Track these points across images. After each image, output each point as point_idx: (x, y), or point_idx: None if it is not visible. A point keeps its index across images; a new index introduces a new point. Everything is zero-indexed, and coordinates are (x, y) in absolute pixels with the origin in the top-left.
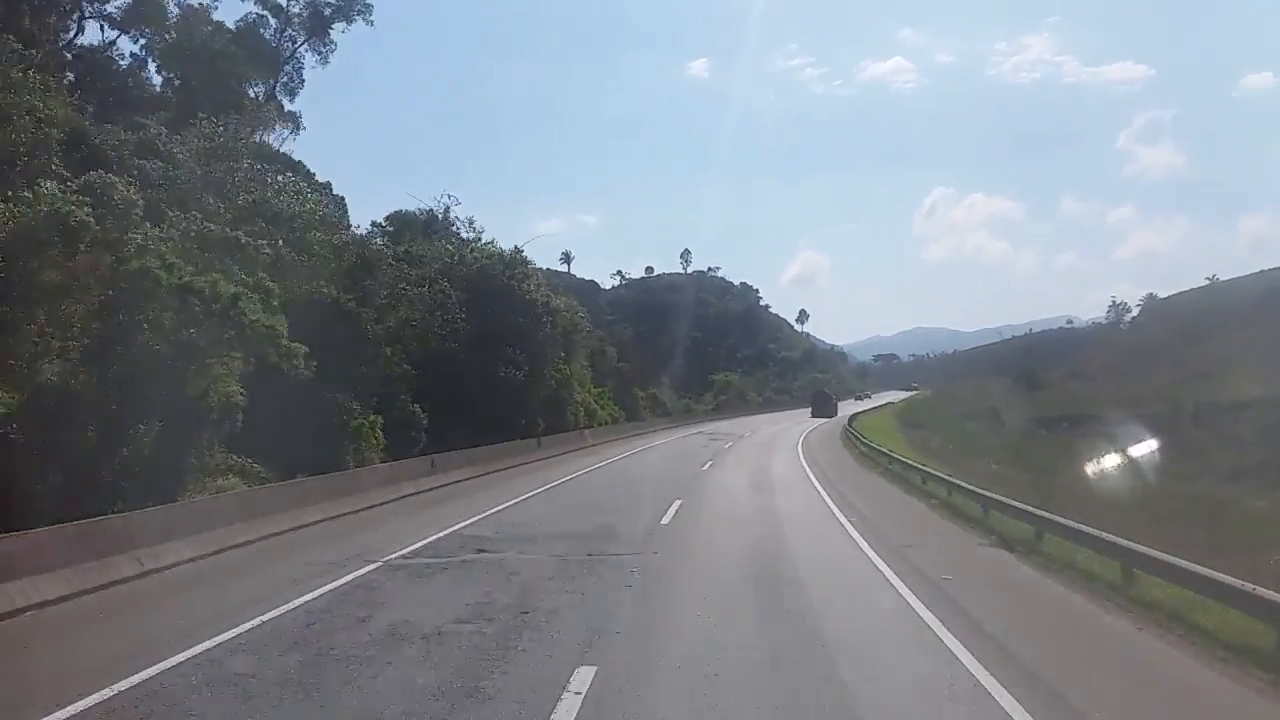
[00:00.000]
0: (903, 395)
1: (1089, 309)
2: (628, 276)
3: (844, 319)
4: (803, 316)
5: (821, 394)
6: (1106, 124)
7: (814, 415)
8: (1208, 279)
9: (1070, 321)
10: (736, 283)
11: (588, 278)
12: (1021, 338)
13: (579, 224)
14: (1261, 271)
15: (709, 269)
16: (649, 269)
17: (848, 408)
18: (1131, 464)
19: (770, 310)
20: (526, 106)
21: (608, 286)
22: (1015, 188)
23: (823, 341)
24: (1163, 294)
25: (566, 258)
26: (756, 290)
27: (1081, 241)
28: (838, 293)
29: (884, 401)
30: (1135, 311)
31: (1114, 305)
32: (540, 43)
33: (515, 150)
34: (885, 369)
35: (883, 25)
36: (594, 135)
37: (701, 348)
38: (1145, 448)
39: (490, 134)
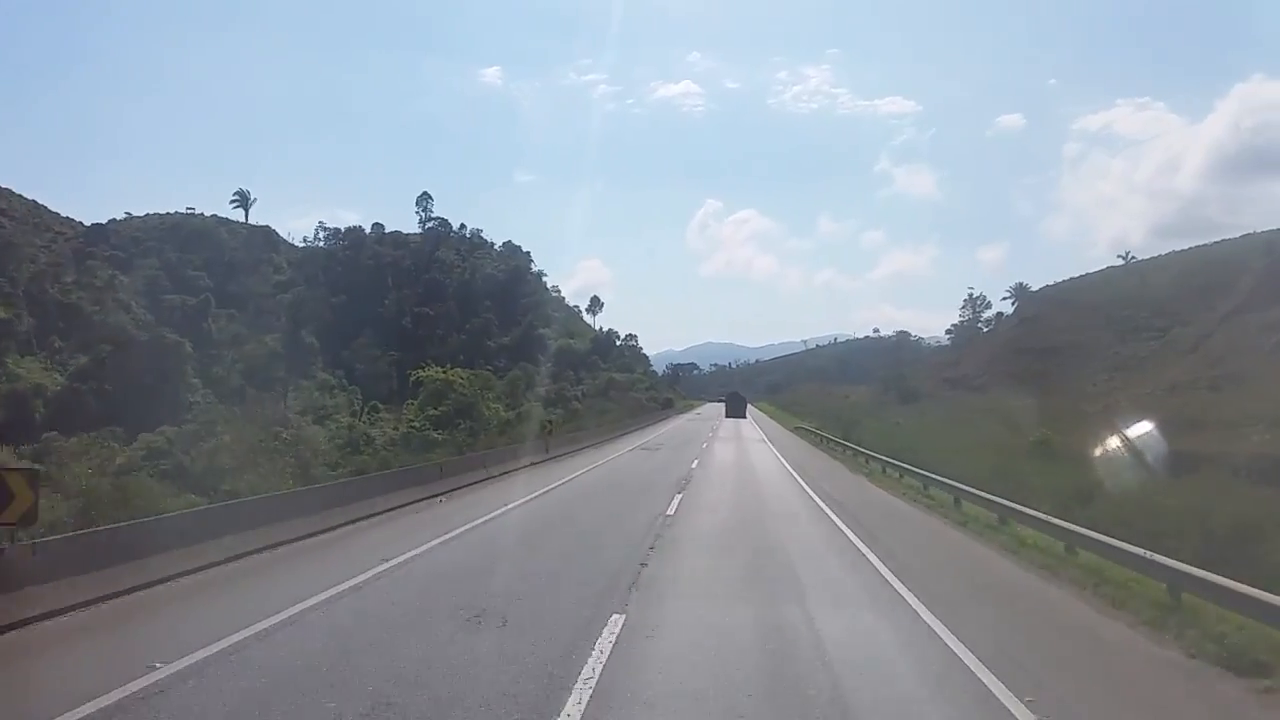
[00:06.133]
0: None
1: (857, 326)
2: (332, 228)
3: (634, 334)
4: (595, 305)
5: (735, 395)
6: (871, 153)
7: (728, 415)
8: (1121, 257)
9: (877, 330)
10: (498, 243)
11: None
12: (827, 347)
13: (338, 219)
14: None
15: (461, 226)
16: (377, 224)
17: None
18: None
19: (545, 281)
20: (302, 104)
21: (300, 241)
22: (781, 208)
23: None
24: (928, 314)
25: (243, 198)
26: (528, 253)
27: (841, 260)
28: (623, 307)
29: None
30: (996, 309)
31: (970, 300)
32: (318, 40)
33: (277, 145)
34: (689, 379)
35: (674, 49)
36: (373, 134)
37: (429, 328)
38: None
39: (253, 128)
